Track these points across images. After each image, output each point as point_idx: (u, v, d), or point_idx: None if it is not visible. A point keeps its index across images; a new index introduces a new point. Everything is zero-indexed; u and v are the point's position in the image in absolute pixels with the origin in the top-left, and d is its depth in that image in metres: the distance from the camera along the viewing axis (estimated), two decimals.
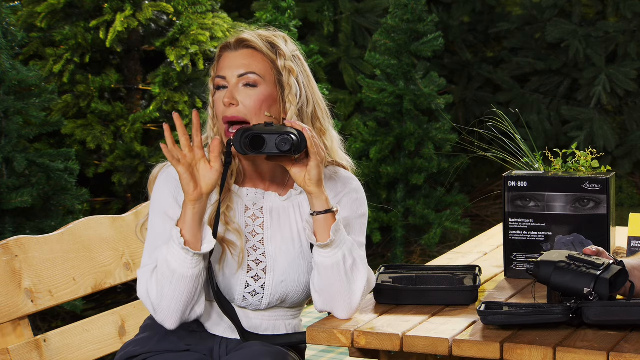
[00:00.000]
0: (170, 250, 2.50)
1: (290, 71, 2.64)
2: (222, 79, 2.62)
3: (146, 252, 2.62)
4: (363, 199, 2.71)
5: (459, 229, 6.05)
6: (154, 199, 2.64)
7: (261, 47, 2.63)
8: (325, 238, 2.52)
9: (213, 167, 2.49)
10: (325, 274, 2.54)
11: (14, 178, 4.40)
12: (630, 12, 7.33)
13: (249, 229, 2.65)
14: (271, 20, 5.81)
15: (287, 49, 2.66)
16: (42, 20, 5.00)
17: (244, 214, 2.66)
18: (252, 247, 2.64)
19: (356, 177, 2.75)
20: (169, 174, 2.64)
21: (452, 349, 2.34)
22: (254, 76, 2.60)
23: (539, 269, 2.44)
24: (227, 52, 2.64)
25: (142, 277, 2.58)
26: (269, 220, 2.66)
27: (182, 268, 2.50)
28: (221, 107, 2.60)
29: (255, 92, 2.60)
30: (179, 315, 2.54)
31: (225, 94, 2.59)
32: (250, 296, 2.64)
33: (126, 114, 5.07)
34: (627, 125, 7.40)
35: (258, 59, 2.62)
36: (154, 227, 2.62)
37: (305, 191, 2.53)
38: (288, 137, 2.47)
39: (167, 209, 2.61)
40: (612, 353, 2.22)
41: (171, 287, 2.51)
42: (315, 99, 2.69)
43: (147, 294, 2.56)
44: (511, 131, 3.01)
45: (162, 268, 2.52)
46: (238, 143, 2.50)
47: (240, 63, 2.61)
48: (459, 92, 7.69)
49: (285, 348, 2.66)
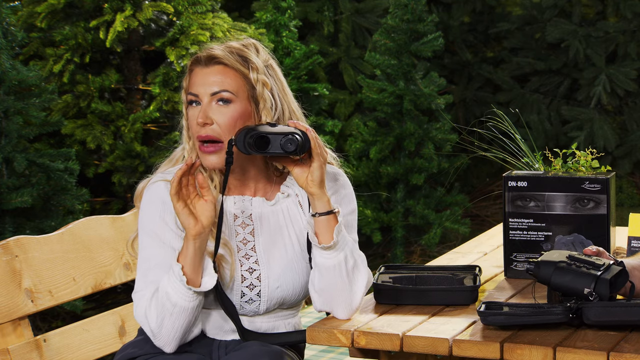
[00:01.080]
0: (171, 284, 2.50)
1: (264, 84, 2.61)
2: (194, 96, 2.59)
3: (139, 277, 2.60)
4: (352, 194, 2.70)
5: (459, 229, 6.05)
6: (142, 218, 2.62)
7: (233, 63, 2.59)
8: (328, 240, 2.52)
9: (207, 200, 2.49)
10: (326, 275, 2.54)
11: (14, 178, 4.40)
12: (630, 12, 7.33)
13: (240, 237, 2.64)
14: (271, 20, 5.82)
15: (259, 61, 2.62)
16: (42, 20, 5.00)
17: (233, 223, 2.64)
18: (244, 255, 2.63)
19: (342, 171, 2.73)
20: (153, 192, 2.61)
21: (452, 349, 2.34)
22: (227, 94, 2.57)
23: (539, 269, 2.44)
24: (198, 67, 2.61)
25: (138, 302, 2.57)
26: (259, 227, 2.65)
27: (183, 302, 2.50)
28: (195, 126, 2.58)
29: (229, 110, 2.57)
30: (178, 341, 2.56)
31: (199, 114, 2.56)
32: (248, 304, 2.64)
33: (126, 114, 5.07)
34: (627, 125, 7.40)
35: (230, 76, 2.59)
36: (144, 248, 2.60)
37: (307, 192, 2.52)
38: (293, 137, 2.46)
39: (156, 230, 2.59)
40: (612, 353, 2.22)
41: (172, 318, 2.52)
42: (291, 107, 2.66)
43: (145, 319, 2.55)
44: (511, 131, 3.01)
45: (163, 299, 2.51)
46: (242, 143, 2.49)
47: (212, 80, 2.58)
48: (459, 92, 7.69)
49: (284, 347, 2.66)
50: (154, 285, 2.55)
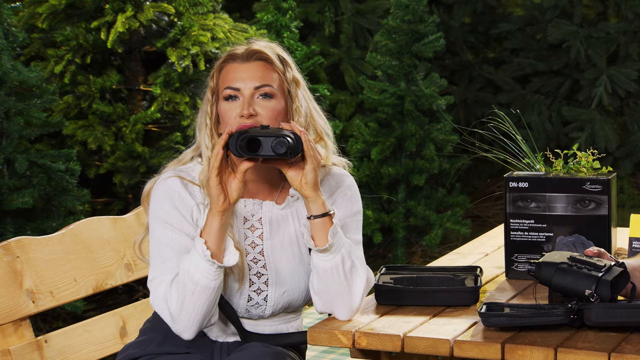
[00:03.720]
0: (193, 262, 2.49)
1: (296, 83, 2.63)
2: (234, 90, 2.58)
3: (154, 265, 2.58)
4: (357, 195, 2.70)
5: (460, 230, 6.05)
6: (154, 212, 2.61)
7: (273, 59, 2.61)
8: (323, 242, 2.51)
9: (237, 178, 2.49)
10: (324, 277, 2.54)
11: (15, 179, 4.40)
12: (632, 12, 7.33)
13: (248, 240, 2.64)
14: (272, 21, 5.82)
15: (292, 60, 2.65)
16: (43, 21, 5.00)
17: (242, 226, 2.64)
18: (252, 259, 2.63)
19: (348, 173, 2.72)
20: (169, 186, 2.60)
21: (453, 350, 2.34)
22: (270, 88, 2.58)
23: (540, 270, 2.44)
24: (236, 63, 2.61)
25: (156, 288, 2.55)
26: (268, 231, 2.64)
27: (205, 280, 2.49)
28: (234, 119, 2.57)
29: (271, 104, 2.58)
30: (197, 325, 2.53)
31: (243, 106, 2.56)
32: (254, 309, 2.64)
33: (127, 114, 5.07)
34: (629, 126, 7.40)
35: (271, 71, 2.61)
36: (158, 238, 2.59)
37: (302, 195, 2.52)
38: (284, 139, 2.46)
39: (173, 220, 2.58)
40: (613, 354, 2.22)
41: (193, 298, 2.50)
42: (314, 105, 2.68)
43: (165, 304, 2.52)
44: (512, 132, 3.01)
45: (184, 279, 2.50)
46: (234, 145, 2.48)
47: (255, 75, 2.58)
48: (460, 92, 7.69)
49: (285, 348, 2.66)
50: (174, 271, 2.54)
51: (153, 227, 2.60)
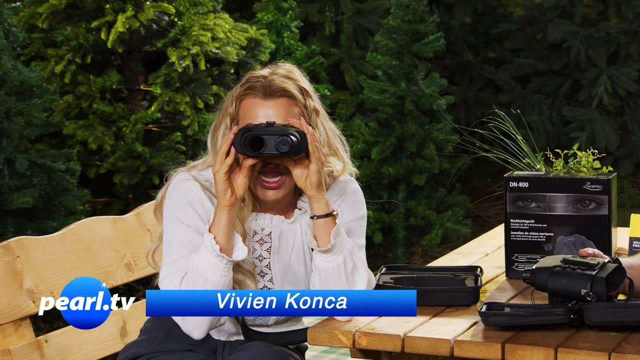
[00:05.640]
0: (203, 258, 2.50)
1: (316, 112, 2.63)
2: None
3: (166, 264, 2.59)
4: (361, 200, 2.71)
5: (460, 230, 6.05)
6: (170, 211, 2.61)
7: (296, 94, 2.60)
8: (326, 243, 2.52)
9: (242, 173, 2.50)
10: (325, 278, 2.54)
11: (16, 179, 4.40)
12: (632, 12, 7.33)
13: (256, 253, 2.66)
14: (272, 20, 5.82)
15: (310, 88, 2.65)
16: (44, 21, 5.00)
17: (251, 238, 2.66)
18: (259, 273, 2.65)
19: (354, 179, 2.74)
20: (188, 188, 2.61)
21: (453, 350, 2.34)
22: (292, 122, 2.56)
23: (535, 277, 2.45)
24: (257, 99, 2.58)
25: (166, 287, 2.55)
26: (277, 245, 2.66)
27: (214, 276, 2.49)
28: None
29: None
30: (208, 324, 2.54)
31: None
32: (259, 318, 2.65)
33: (127, 114, 5.07)
34: (629, 126, 7.39)
35: (294, 106, 2.60)
36: (173, 237, 2.59)
37: (306, 194, 2.53)
38: (287, 138, 2.47)
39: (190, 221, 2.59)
40: (613, 354, 2.22)
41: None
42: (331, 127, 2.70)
43: None
44: (512, 132, 3.01)
45: (193, 276, 2.51)
46: (238, 144, 2.49)
47: (279, 113, 2.57)
48: (461, 92, 7.69)
49: (286, 347, 2.66)
50: (185, 270, 2.54)
51: (168, 226, 2.61)
